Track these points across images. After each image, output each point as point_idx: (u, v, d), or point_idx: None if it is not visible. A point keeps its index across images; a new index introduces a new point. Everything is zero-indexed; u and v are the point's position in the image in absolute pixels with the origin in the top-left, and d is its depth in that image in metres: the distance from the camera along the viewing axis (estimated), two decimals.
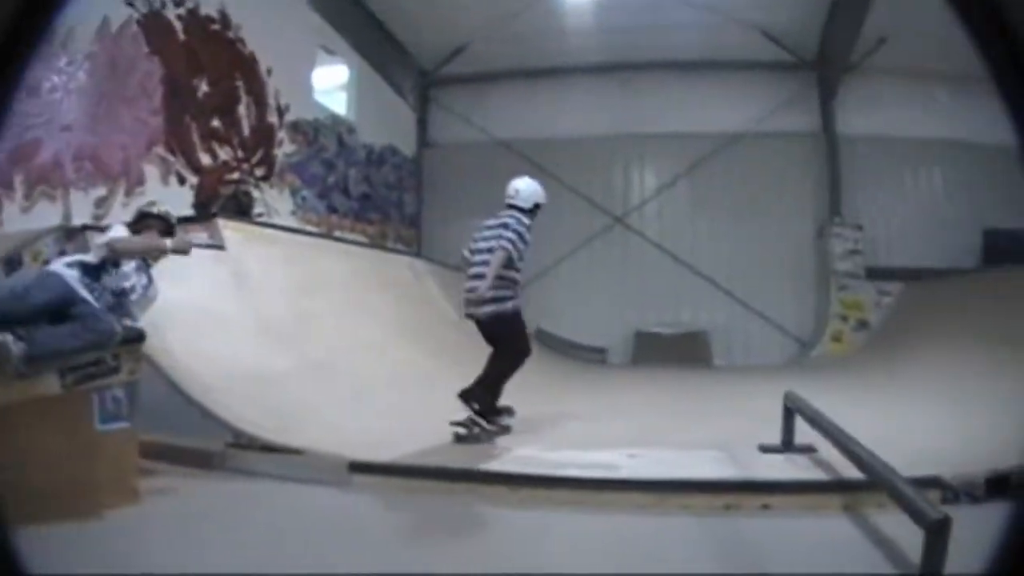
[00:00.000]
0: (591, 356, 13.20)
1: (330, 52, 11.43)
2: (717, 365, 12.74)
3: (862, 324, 12.54)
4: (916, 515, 2.43)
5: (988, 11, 0.99)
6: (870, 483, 3.15)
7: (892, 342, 11.63)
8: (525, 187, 5.51)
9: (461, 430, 4.95)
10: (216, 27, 8.84)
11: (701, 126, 13.16)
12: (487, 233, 5.33)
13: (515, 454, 4.69)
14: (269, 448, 4.46)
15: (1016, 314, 7.93)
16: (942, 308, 10.81)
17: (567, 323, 13.35)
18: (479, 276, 5.16)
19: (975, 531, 1.33)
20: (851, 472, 3.42)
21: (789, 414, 4.54)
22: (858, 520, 3.34)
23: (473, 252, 5.38)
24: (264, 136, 9.93)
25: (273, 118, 10.10)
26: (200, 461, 4.42)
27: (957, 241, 12.90)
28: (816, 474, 4.02)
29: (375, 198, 12.88)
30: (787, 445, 4.52)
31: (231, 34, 9.09)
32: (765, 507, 3.63)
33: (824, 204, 13.10)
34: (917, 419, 5.63)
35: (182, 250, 4.19)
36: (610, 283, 13.33)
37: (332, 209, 11.67)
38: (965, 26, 1.05)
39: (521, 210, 5.37)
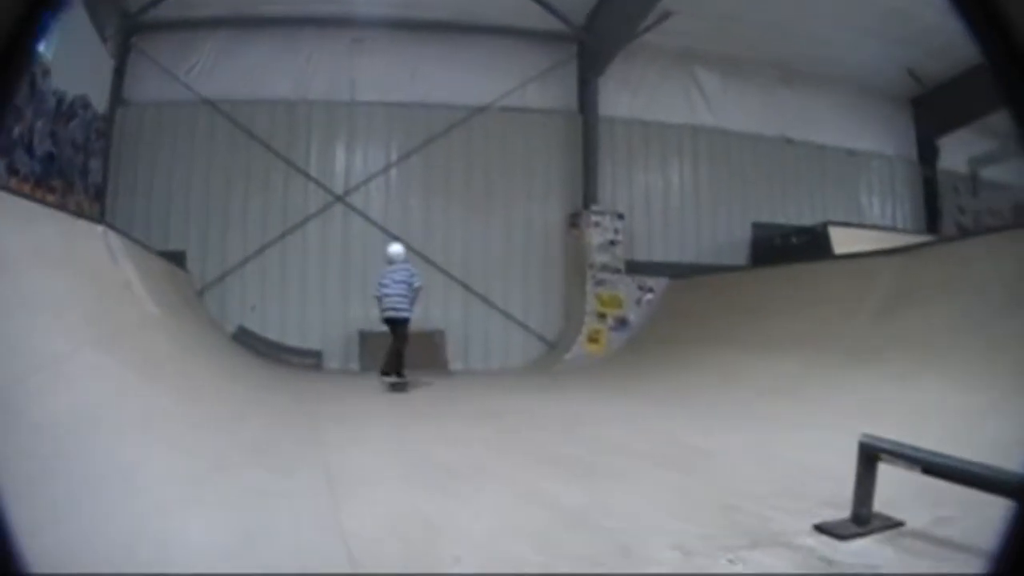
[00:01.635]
0: (303, 361, 10.58)
1: None
2: (453, 370, 10.49)
3: (621, 322, 10.87)
4: None
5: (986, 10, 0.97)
6: None
7: (652, 343, 10.27)
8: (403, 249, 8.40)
9: (393, 379, 7.90)
10: None
11: (441, 96, 11.30)
12: (395, 276, 7.96)
13: None
14: None
15: (774, 315, 7.86)
16: (707, 307, 9.82)
17: (274, 320, 10.74)
18: (402, 296, 7.89)
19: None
20: None
21: (870, 466, 2.97)
22: None
23: (387, 286, 7.95)
24: None
25: None
26: None
27: (725, 234, 11.77)
28: None
29: (60, 160, 9.85)
30: (865, 520, 2.93)
31: None
32: None
33: (579, 190, 11.45)
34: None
35: None
36: (327, 273, 10.92)
37: (12, 170, 8.70)
38: (963, 22, 1.03)
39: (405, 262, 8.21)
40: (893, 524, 2.91)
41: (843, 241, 10.00)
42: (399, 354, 7.92)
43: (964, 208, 13.04)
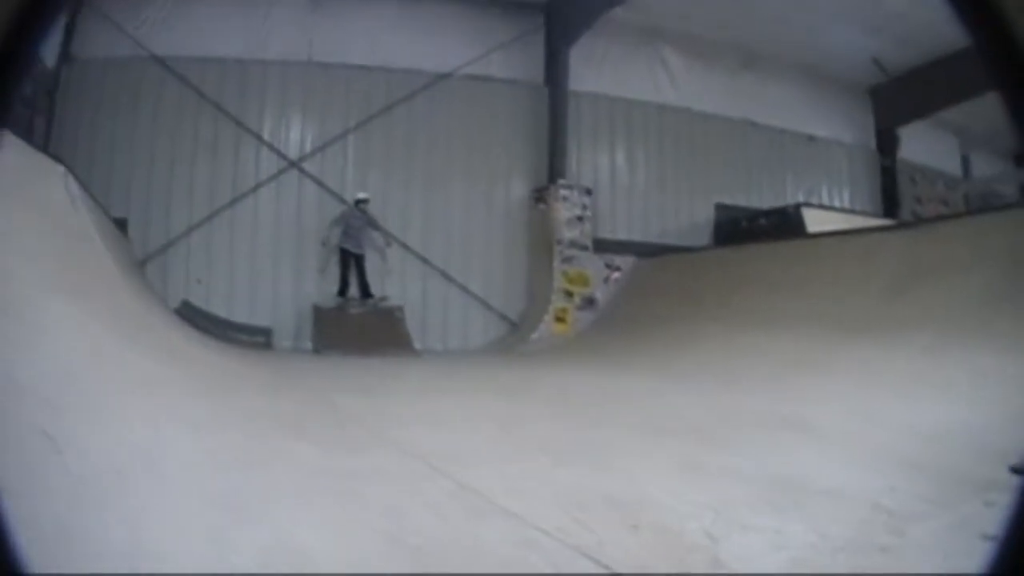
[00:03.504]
0: (252, 339, 9.90)
1: None
2: (418, 349, 9.94)
3: (588, 302, 10.59)
4: None
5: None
6: None
7: (620, 322, 10.10)
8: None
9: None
10: None
11: (403, 61, 10.79)
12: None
13: None
14: None
15: (740, 294, 8.01)
16: (680, 285, 9.68)
17: (220, 295, 10.07)
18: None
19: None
20: None
21: None
22: None
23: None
24: None
25: None
26: None
27: (688, 215, 11.66)
28: None
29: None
30: None
31: None
32: None
33: (543, 165, 11.12)
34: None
35: None
36: (280, 244, 10.31)
37: None
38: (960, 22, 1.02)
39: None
40: None
41: (816, 223, 9.95)
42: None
43: (921, 198, 13.29)
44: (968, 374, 4.50)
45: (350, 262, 10.04)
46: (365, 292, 10.12)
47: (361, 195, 10.13)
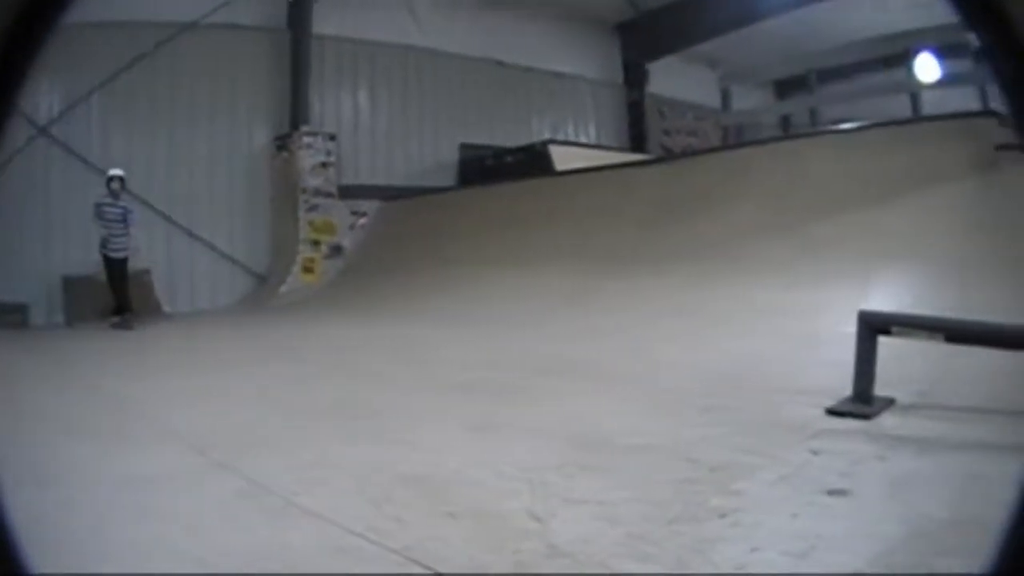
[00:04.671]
0: (7, 318, 9.52)
1: None
2: (168, 313, 10.09)
3: (335, 250, 11.10)
4: None
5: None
6: None
7: (370, 268, 10.45)
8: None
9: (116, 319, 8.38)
10: None
11: (147, 12, 10.29)
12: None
13: None
14: None
15: (491, 233, 8.34)
16: (423, 228, 10.08)
17: None
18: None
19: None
20: None
21: (873, 341, 2.94)
22: None
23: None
24: None
25: None
26: None
27: (433, 156, 12.22)
28: None
29: None
30: (868, 399, 2.94)
31: None
32: None
33: (287, 112, 11.19)
34: None
35: None
36: (27, 215, 9.94)
37: None
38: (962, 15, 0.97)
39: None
40: (889, 400, 2.93)
41: (563, 159, 10.41)
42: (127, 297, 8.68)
43: (669, 130, 14.32)
44: (744, 303, 4.79)
45: (115, 272, 8.61)
46: (121, 307, 8.57)
47: (113, 171, 8.74)
